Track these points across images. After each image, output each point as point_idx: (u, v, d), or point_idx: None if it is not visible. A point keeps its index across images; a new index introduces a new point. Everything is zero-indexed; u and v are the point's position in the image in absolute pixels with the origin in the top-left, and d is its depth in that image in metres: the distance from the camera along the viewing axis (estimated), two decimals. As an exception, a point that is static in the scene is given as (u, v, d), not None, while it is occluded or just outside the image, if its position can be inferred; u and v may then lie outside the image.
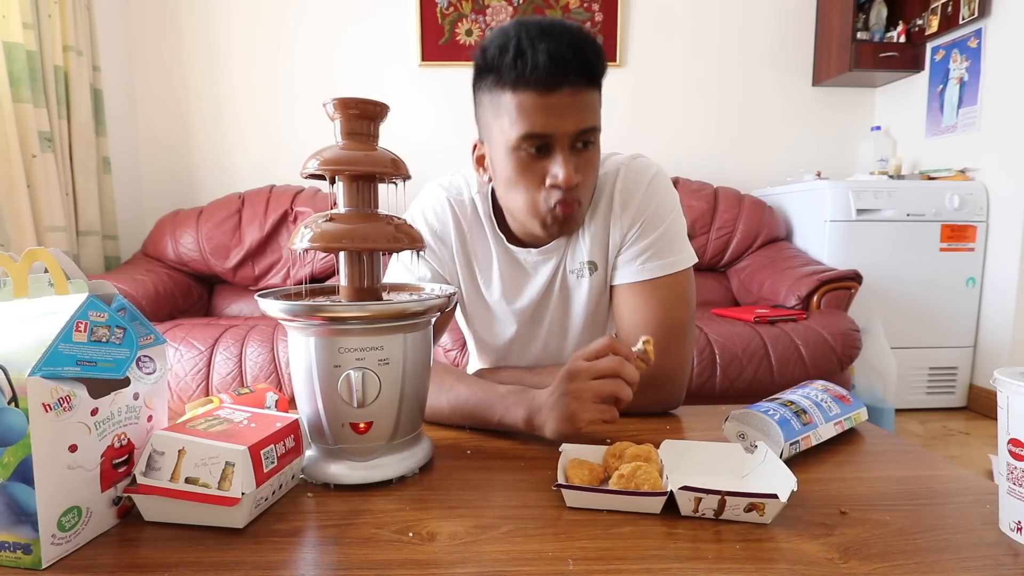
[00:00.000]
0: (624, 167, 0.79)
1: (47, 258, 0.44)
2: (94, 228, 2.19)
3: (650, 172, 0.78)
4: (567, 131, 0.66)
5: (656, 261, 0.76)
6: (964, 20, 2.29)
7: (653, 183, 0.77)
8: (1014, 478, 0.43)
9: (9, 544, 0.39)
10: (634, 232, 0.77)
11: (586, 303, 0.82)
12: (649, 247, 0.76)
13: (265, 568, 0.40)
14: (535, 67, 0.63)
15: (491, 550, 0.42)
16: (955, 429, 2.11)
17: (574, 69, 0.64)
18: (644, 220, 0.77)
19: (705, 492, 0.45)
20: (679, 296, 0.76)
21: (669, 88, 2.69)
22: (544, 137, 0.66)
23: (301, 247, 0.50)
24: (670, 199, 0.78)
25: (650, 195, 0.77)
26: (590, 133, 0.68)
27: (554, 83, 0.63)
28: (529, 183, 0.69)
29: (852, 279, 2.00)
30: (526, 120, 0.65)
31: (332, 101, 0.52)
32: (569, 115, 0.65)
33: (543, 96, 0.64)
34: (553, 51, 0.62)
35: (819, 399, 0.64)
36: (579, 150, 0.68)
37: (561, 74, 0.63)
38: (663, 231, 0.76)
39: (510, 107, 0.66)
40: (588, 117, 0.66)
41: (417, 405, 0.57)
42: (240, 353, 1.72)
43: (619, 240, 0.78)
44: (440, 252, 0.81)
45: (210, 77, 2.58)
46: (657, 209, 0.77)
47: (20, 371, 0.38)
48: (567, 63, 0.63)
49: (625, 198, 0.77)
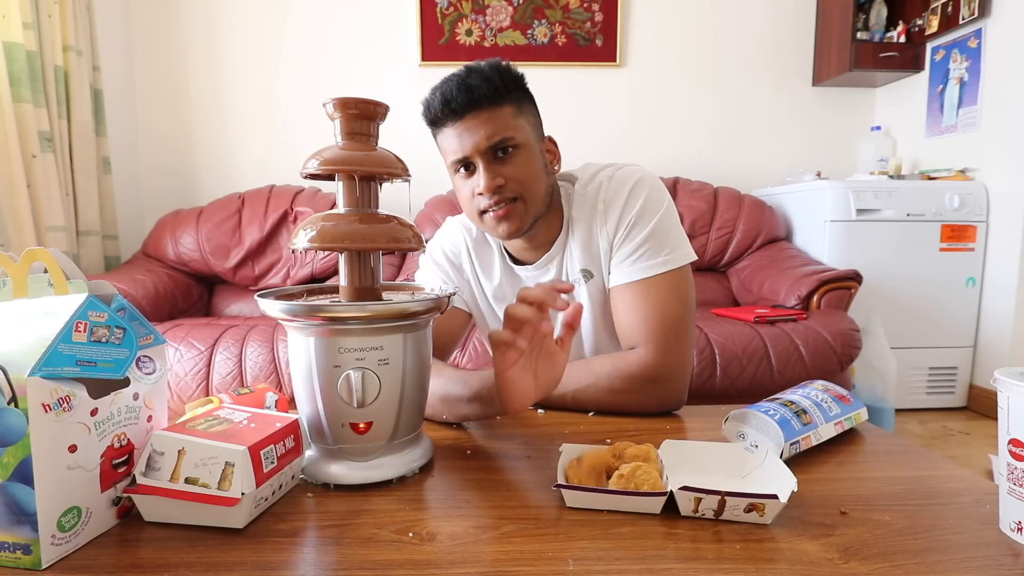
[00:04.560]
0: (608, 177, 0.82)
1: (47, 258, 0.44)
2: (94, 228, 2.19)
3: (634, 177, 0.81)
4: (479, 148, 0.74)
5: (647, 260, 0.78)
6: (964, 20, 2.29)
7: (637, 186, 0.80)
8: (1014, 478, 0.43)
9: (9, 544, 0.39)
10: (621, 235, 0.80)
11: (589, 310, 0.85)
12: (639, 247, 0.78)
13: (265, 568, 0.40)
14: (436, 109, 0.75)
15: (491, 550, 0.42)
16: (955, 429, 2.11)
17: (464, 99, 0.73)
18: (630, 222, 0.79)
19: (705, 492, 0.45)
20: (675, 293, 0.77)
21: (669, 88, 2.69)
22: (463, 160, 0.76)
23: (301, 247, 0.50)
24: (655, 198, 0.80)
25: (633, 198, 0.79)
26: (504, 142, 0.75)
27: (451, 114, 0.74)
28: (467, 197, 0.79)
29: (852, 279, 2.00)
30: (448, 150, 0.77)
31: (332, 101, 0.52)
32: (477, 135, 0.74)
33: (451, 126, 0.75)
34: (444, 91, 0.74)
35: (819, 399, 0.64)
36: (501, 159, 0.76)
37: (456, 105, 0.73)
38: (651, 230, 0.78)
39: (440, 145, 0.79)
40: (495, 132, 0.74)
41: (417, 405, 0.57)
42: (240, 353, 1.72)
43: (607, 245, 0.81)
44: (458, 280, 0.90)
45: (210, 77, 2.58)
46: (642, 209, 0.79)
47: (20, 371, 0.38)
48: (455, 97, 0.73)
49: (608, 203, 0.81)
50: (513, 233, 0.79)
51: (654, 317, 0.76)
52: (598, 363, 0.76)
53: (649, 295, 0.77)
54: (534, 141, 0.79)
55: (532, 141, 0.79)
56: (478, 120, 0.74)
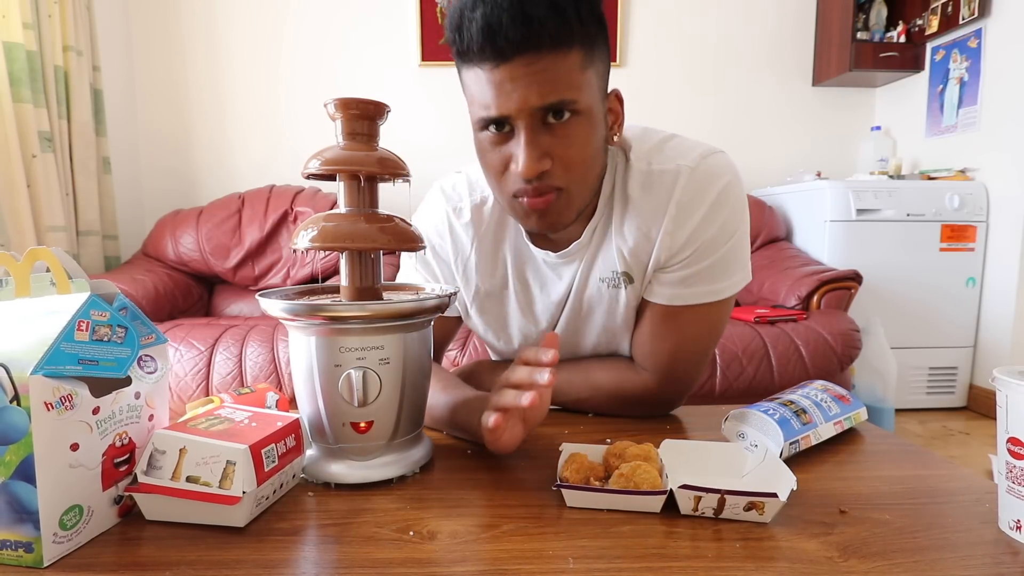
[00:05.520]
0: (688, 171, 0.64)
1: (49, 257, 0.44)
2: (94, 228, 2.19)
3: (719, 182, 0.64)
4: (524, 109, 0.54)
5: (698, 287, 0.66)
6: (964, 20, 2.29)
7: (721, 198, 0.63)
8: (1013, 477, 0.43)
9: (11, 542, 0.40)
10: (684, 256, 0.65)
11: (615, 313, 0.71)
12: (697, 273, 0.65)
13: (266, 566, 0.40)
14: (471, 39, 0.53)
15: (491, 549, 0.42)
16: (955, 429, 2.11)
17: (519, 35, 0.51)
18: (700, 245, 0.64)
19: (704, 491, 0.45)
20: (709, 324, 0.68)
21: (669, 88, 2.70)
22: (498, 120, 0.56)
23: (303, 247, 0.50)
24: (736, 217, 0.65)
25: (713, 214, 0.63)
26: (562, 105, 0.54)
27: (498, 54, 0.52)
28: (495, 169, 0.60)
29: (852, 279, 2.00)
30: (478, 100, 0.57)
31: (333, 101, 0.52)
32: (524, 89, 0.53)
33: (490, 70, 0.54)
34: (489, 15, 0.51)
35: (819, 399, 0.64)
36: (552, 125, 0.56)
37: (503, 42, 0.51)
38: (718, 258, 0.65)
39: (466, 86, 0.58)
40: (553, 89, 0.53)
41: (417, 405, 0.57)
42: (240, 353, 1.72)
43: (664, 259, 0.66)
44: (441, 267, 0.76)
45: (210, 77, 2.58)
46: (718, 234, 0.64)
47: (22, 370, 0.38)
48: (508, 28, 0.51)
49: (683, 213, 0.63)
50: (547, 230, 0.64)
51: (674, 349, 0.68)
52: (598, 375, 0.72)
53: (681, 323, 0.67)
54: (599, 102, 0.59)
55: (597, 103, 0.58)
56: (533, 69, 0.53)
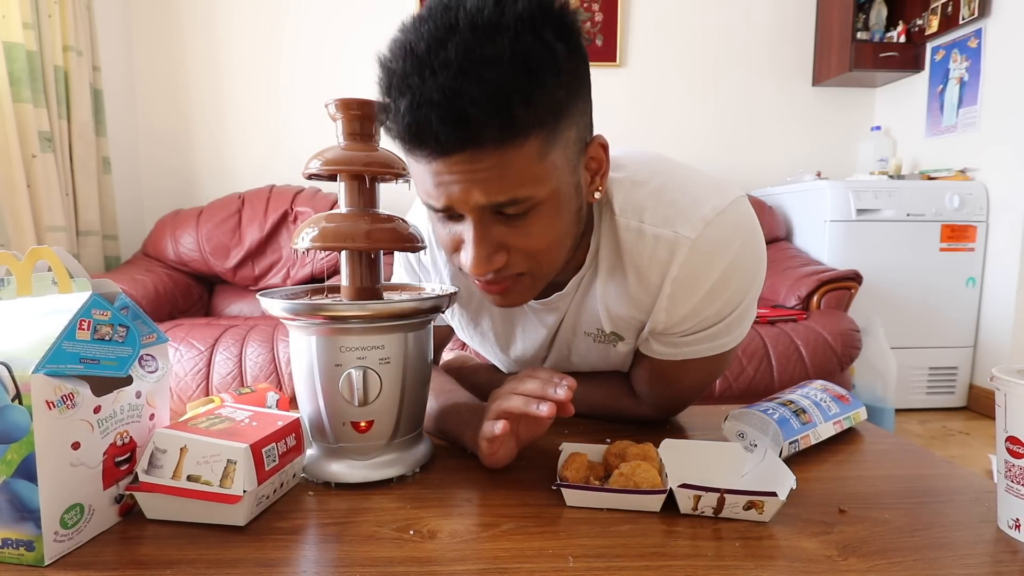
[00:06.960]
0: (688, 245, 0.54)
1: (51, 257, 0.44)
2: (94, 228, 2.19)
3: (726, 254, 0.54)
4: (468, 204, 0.46)
5: (699, 345, 0.60)
6: (964, 20, 2.29)
7: (727, 273, 0.54)
8: (1012, 476, 0.43)
9: (12, 541, 0.40)
10: (683, 328, 0.59)
11: (608, 358, 0.68)
12: (697, 334, 0.59)
13: (266, 565, 0.40)
14: (398, 131, 0.44)
15: (491, 548, 0.42)
16: (955, 429, 2.11)
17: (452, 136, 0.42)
18: (701, 319, 0.57)
19: (704, 490, 0.45)
20: (709, 370, 0.64)
21: (669, 88, 2.70)
22: (445, 209, 0.48)
23: (304, 247, 0.50)
24: (746, 285, 0.57)
25: (719, 290, 0.55)
26: (514, 203, 0.46)
27: (430, 153, 0.44)
28: (446, 247, 0.53)
29: (852, 279, 2.00)
30: (419, 184, 0.48)
31: (334, 102, 0.52)
32: (467, 186, 0.45)
33: (427, 162, 0.45)
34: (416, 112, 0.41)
35: (818, 399, 0.64)
36: (507, 219, 0.48)
37: (433, 144, 0.43)
38: (723, 325, 0.58)
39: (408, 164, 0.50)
40: (501, 188, 0.45)
41: (418, 404, 0.57)
42: (240, 353, 1.72)
43: (660, 329, 0.59)
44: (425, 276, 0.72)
45: (210, 77, 2.58)
46: (723, 307, 0.57)
47: (24, 369, 0.39)
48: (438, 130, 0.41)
49: (680, 291, 0.55)
50: (510, 306, 0.58)
51: (674, 392, 0.67)
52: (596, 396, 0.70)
53: (681, 372, 0.63)
54: (569, 176, 0.49)
55: (566, 181, 0.49)
56: (476, 167, 0.44)
